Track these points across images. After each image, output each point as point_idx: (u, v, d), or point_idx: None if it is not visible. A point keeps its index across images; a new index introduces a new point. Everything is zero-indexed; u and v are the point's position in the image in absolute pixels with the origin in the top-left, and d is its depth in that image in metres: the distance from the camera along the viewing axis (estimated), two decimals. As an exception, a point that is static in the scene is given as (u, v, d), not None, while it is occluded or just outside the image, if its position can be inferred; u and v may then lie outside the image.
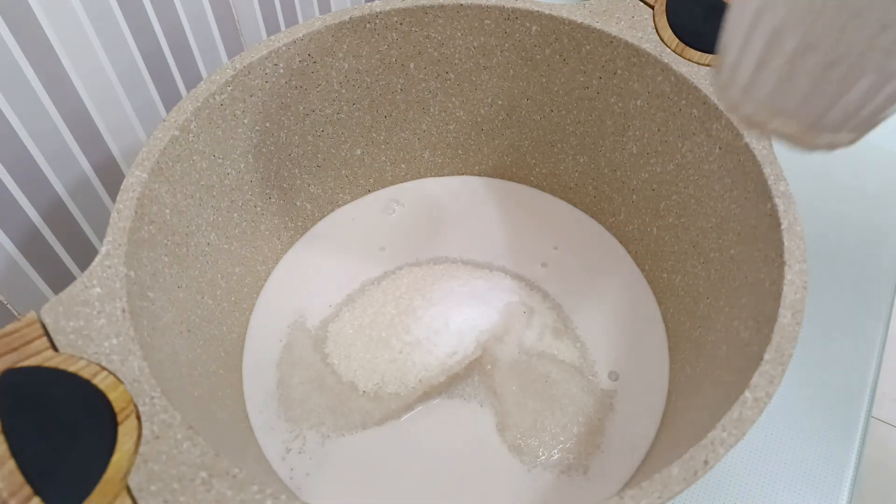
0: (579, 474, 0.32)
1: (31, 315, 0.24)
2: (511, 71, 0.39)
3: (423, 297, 0.37)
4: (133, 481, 0.22)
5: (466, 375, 0.35)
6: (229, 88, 0.33)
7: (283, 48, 0.34)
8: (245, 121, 0.35)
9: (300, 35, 0.34)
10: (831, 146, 0.21)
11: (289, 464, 0.33)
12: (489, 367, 0.36)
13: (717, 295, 0.33)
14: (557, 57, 0.37)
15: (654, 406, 0.34)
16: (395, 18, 0.36)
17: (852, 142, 0.21)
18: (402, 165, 0.45)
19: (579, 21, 0.35)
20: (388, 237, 0.42)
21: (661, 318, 0.38)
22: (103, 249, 0.26)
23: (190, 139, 0.31)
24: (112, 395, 0.23)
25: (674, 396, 0.34)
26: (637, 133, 0.37)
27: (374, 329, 0.36)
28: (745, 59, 0.21)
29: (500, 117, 0.42)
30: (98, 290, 0.25)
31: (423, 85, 0.40)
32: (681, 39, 0.34)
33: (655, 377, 0.36)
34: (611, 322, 0.38)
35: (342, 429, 0.34)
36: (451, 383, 0.35)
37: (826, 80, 0.19)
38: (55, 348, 0.24)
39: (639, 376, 0.36)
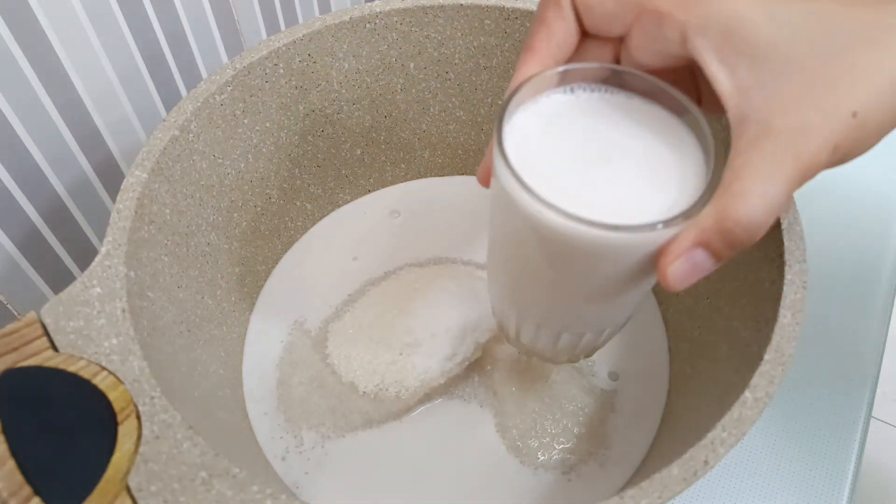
0: (580, 474, 0.32)
1: (31, 315, 0.24)
2: (511, 71, 0.39)
3: (424, 298, 0.37)
4: (133, 481, 0.22)
5: (466, 376, 0.35)
6: (229, 88, 0.33)
7: (283, 48, 0.34)
8: (245, 121, 0.35)
9: (300, 35, 0.34)
10: (570, 362, 0.31)
11: (288, 464, 0.33)
12: (489, 367, 0.36)
13: (717, 295, 0.33)
14: (557, 57, 0.37)
15: (655, 406, 0.34)
16: (395, 18, 0.36)
17: (582, 358, 0.30)
18: (402, 165, 0.45)
19: (579, 21, 0.35)
20: (388, 237, 0.42)
21: (661, 319, 0.38)
22: (103, 249, 0.26)
23: (190, 139, 0.31)
24: (112, 395, 0.23)
25: (674, 396, 0.34)
26: (637, 133, 0.37)
27: (375, 330, 0.36)
28: (499, 317, 0.30)
29: (500, 117, 0.42)
30: (98, 290, 0.25)
31: (423, 85, 0.40)
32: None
33: (655, 377, 0.36)
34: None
35: (342, 429, 0.34)
36: (452, 384, 0.35)
37: (558, 339, 0.27)
38: (55, 348, 0.24)
39: (639, 376, 0.36)
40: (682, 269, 0.20)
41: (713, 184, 0.21)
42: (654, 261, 0.21)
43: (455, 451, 0.33)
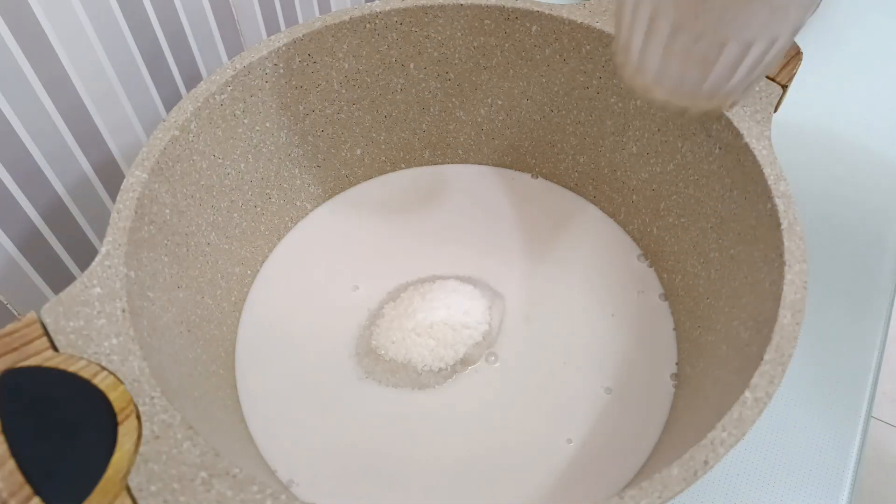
0: (580, 474, 0.32)
1: (31, 315, 0.24)
2: (511, 71, 0.39)
3: (423, 298, 0.37)
4: (133, 481, 0.22)
5: (473, 371, 0.35)
6: (229, 88, 0.33)
7: (283, 48, 0.34)
8: (245, 121, 0.35)
9: (300, 35, 0.34)
10: (717, 110, 0.25)
11: (288, 463, 0.33)
12: (493, 358, 0.36)
13: (717, 295, 0.33)
14: (557, 57, 0.37)
15: (656, 406, 0.34)
16: (395, 18, 0.36)
17: (733, 105, 0.25)
18: (402, 165, 0.45)
19: (579, 21, 0.35)
20: (388, 237, 0.42)
21: (672, 325, 0.38)
22: (103, 249, 0.26)
23: (190, 139, 0.31)
24: (112, 395, 0.23)
25: (674, 397, 0.34)
26: (637, 133, 0.37)
27: (379, 328, 0.36)
28: (633, 44, 0.24)
29: (500, 117, 0.42)
30: (98, 290, 0.25)
31: (423, 85, 0.40)
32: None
33: (658, 379, 0.36)
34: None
35: (342, 428, 0.34)
36: (459, 371, 0.35)
37: (696, 55, 0.23)
38: (55, 348, 0.24)
39: (640, 377, 0.36)
40: None
41: None
42: None
43: (455, 452, 0.33)
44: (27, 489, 0.20)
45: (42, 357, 0.23)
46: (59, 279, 0.39)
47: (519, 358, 0.36)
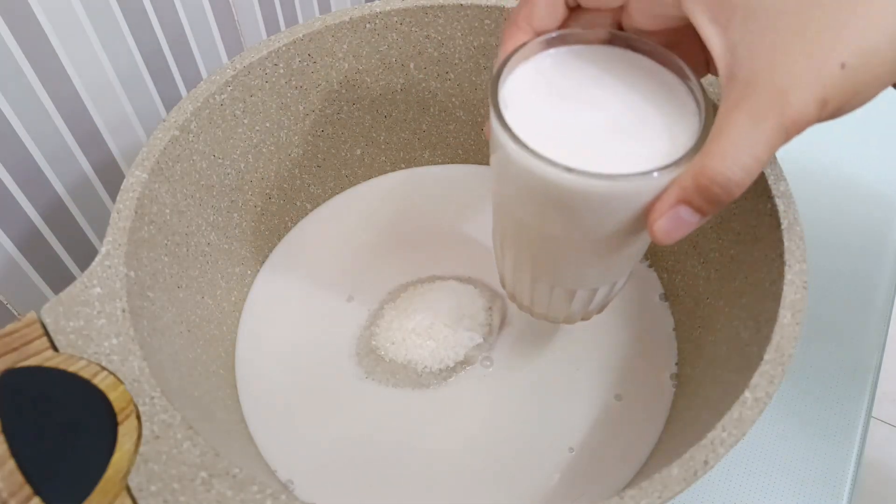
0: (580, 474, 0.32)
1: (31, 315, 0.24)
2: (511, 71, 0.39)
3: (423, 299, 0.37)
4: (133, 481, 0.22)
5: (473, 371, 0.35)
6: (229, 88, 0.33)
7: (283, 48, 0.34)
8: (245, 121, 0.35)
9: (300, 35, 0.34)
10: (585, 319, 0.32)
11: (288, 463, 0.33)
12: (487, 363, 0.36)
13: (717, 295, 0.33)
14: (557, 57, 0.37)
15: (657, 406, 0.34)
16: (395, 18, 0.36)
17: (591, 315, 0.32)
18: (402, 165, 0.45)
19: (579, 21, 0.35)
20: (388, 237, 0.42)
21: (672, 329, 0.38)
22: (103, 249, 0.26)
23: (190, 139, 0.31)
24: (112, 395, 0.23)
25: (674, 397, 0.34)
26: (637, 133, 0.37)
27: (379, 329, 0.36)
28: (506, 281, 0.31)
29: (500, 117, 0.42)
30: (98, 290, 0.25)
31: (423, 85, 0.40)
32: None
33: (659, 380, 0.36)
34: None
35: (342, 429, 0.34)
36: (459, 372, 0.35)
37: (555, 298, 0.29)
38: (55, 348, 0.24)
39: (642, 379, 0.36)
40: (667, 225, 0.21)
41: (700, 142, 0.21)
42: (644, 213, 0.22)
43: (453, 453, 0.33)
44: (27, 489, 0.20)
45: (42, 357, 0.23)
46: (59, 279, 0.39)
47: (518, 359, 0.36)
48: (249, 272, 0.39)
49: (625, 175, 0.21)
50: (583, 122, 0.23)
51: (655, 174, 0.21)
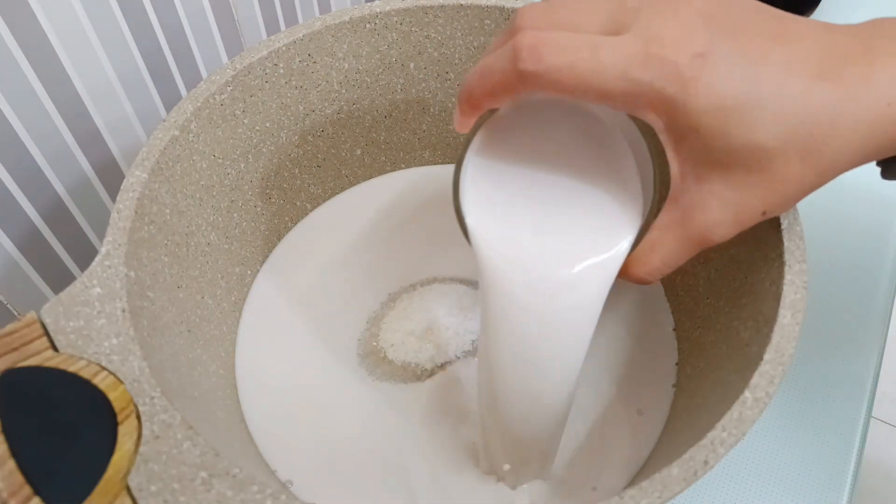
0: (580, 474, 0.32)
1: (31, 315, 0.24)
2: (511, 71, 0.39)
3: (422, 300, 0.37)
4: (133, 481, 0.22)
5: (473, 372, 0.35)
6: (229, 88, 0.33)
7: (283, 48, 0.34)
8: (245, 121, 0.35)
9: (300, 35, 0.34)
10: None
11: (288, 463, 0.33)
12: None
13: (717, 295, 0.33)
14: (557, 57, 0.37)
15: (657, 407, 0.34)
16: (395, 18, 0.36)
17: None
18: (402, 166, 0.45)
19: (579, 21, 0.35)
20: (388, 236, 0.42)
21: (672, 330, 0.38)
22: (103, 249, 0.26)
23: (190, 139, 0.31)
24: (112, 395, 0.23)
25: (674, 397, 0.34)
26: (637, 133, 0.37)
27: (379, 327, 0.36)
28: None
29: (500, 117, 0.42)
30: (98, 290, 0.25)
31: (423, 85, 0.40)
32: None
33: (660, 381, 0.36)
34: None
35: (342, 429, 0.34)
36: (460, 373, 0.35)
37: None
38: (55, 348, 0.24)
39: (644, 379, 0.36)
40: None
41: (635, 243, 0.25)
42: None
43: (454, 451, 0.33)
44: (27, 489, 0.20)
45: (42, 357, 0.23)
46: (59, 279, 0.39)
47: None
48: (249, 272, 0.39)
49: None
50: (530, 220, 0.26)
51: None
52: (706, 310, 0.34)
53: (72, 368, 0.23)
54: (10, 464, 0.20)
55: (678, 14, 0.21)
